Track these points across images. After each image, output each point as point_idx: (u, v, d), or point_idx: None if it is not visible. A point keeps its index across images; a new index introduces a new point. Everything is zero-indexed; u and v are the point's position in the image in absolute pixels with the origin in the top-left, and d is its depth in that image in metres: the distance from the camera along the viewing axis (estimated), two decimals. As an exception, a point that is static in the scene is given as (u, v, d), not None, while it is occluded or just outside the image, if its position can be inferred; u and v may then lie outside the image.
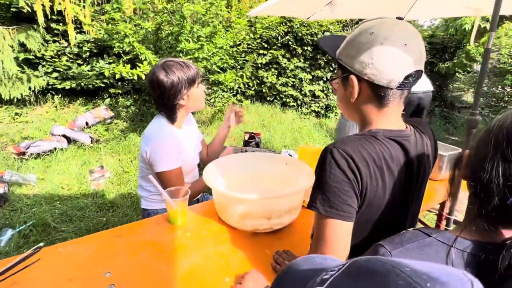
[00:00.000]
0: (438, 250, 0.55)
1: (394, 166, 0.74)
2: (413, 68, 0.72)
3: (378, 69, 0.72)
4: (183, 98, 1.41)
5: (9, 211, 2.88)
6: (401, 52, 0.70)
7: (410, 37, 0.71)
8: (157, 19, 3.68)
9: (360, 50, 0.73)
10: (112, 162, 3.91)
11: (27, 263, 1.02)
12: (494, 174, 0.52)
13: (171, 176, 1.40)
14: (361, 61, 0.73)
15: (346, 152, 0.70)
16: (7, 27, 4.34)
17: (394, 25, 0.73)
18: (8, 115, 4.49)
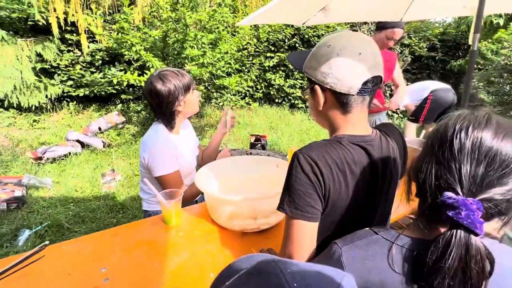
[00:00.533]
0: (383, 246, 0.60)
1: (357, 169, 0.79)
2: (369, 74, 0.78)
3: (337, 78, 0.78)
4: (180, 104, 1.49)
5: (27, 212, 3.05)
6: (356, 61, 0.76)
7: (364, 46, 0.77)
8: (163, 27, 3.82)
9: (320, 62, 0.80)
10: (123, 165, 4.06)
11: (33, 259, 1.12)
12: (427, 175, 0.57)
13: (169, 180, 1.48)
14: (322, 71, 0.80)
15: (310, 157, 0.75)
16: (25, 39, 4.60)
17: (349, 36, 0.79)
18: (27, 122, 4.74)
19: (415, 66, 7.24)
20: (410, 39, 7.13)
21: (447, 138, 0.56)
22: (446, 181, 0.54)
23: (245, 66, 6.29)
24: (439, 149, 0.56)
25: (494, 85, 4.96)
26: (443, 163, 0.55)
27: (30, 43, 4.59)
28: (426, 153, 0.60)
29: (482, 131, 0.54)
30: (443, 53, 7.21)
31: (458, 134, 0.55)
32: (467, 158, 0.53)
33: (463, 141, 0.54)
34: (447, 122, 0.59)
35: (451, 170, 0.54)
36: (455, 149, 0.54)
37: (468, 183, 0.52)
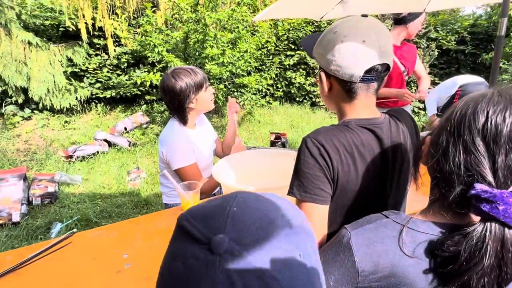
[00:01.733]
0: (393, 229, 0.59)
1: (366, 152, 0.78)
2: (373, 62, 0.76)
3: (340, 65, 0.77)
4: (192, 101, 1.53)
5: (59, 207, 3.24)
6: (360, 49, 0.75)
7: (369, 33, 0.76)
8: (184, 28, 3.91)
9: (326, 48, 0.80)
10: (147, 163, 4.20)
11: (62, 245, 1.19)
12: (454, 165, 0.52)
13: (187, 172, 1.52)
14: (327, 58, 0.80)
15: (318, 141, 0.75)
16: (57, 44, 4.87)
17: (355, 23, 0.78)
18: (59, 123, 5.01)
19: (443, 61, 6.94)
20: (437, 32, 6.84)
21: (479, 124, 0.50)
22: (479, 173, 0.49)
23: (265, 64, 6.31)
24: (469, 135, 0.51)
25: None
26: (474, 152, 0.50)
27: (62, 48, 4.86)
28: (449, 139, 0.54)
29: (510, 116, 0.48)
30: (473, 46, 6.86)
31: (492, 120, 0.49)
32: (504, 147, 0.47)
33: (500, 128, 0.48)
34: (474, 105, 0.52)
35: (484, 160, 0.49)
36: (489, 137, 0.49)
37: (503, 174, 0.48)
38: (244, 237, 0.35)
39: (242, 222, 0.36)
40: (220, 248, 0.33)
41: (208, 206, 0.40)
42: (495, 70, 1.38)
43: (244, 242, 0.35)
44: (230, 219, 0.36)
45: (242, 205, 0.39)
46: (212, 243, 0.34)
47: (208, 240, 0.34)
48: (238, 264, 0.33)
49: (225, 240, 0.34)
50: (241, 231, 0.36)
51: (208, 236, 0.35)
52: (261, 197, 0.42)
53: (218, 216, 0.37)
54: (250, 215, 0.37)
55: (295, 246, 0.37)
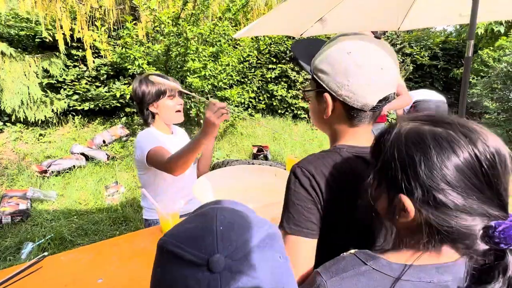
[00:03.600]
0: (376, 280, 0.54)
1: (357, 181, 0.72)
2: (387, 91, 0.72)
3: (353, 92, 0.71)
4: (153, 105, 1.55)
5: (31, 225, 3.07)
6: (377, 77, 0.70)
7: (386, 59, 0.71)
8: (165, 42, 3.90)
9: (336, 69, 0.72)
10: (126, 177, 4.09)
11: (31, 270, 1.13)
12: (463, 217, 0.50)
13: (156, 152, 1.42)
14: (337, 81, 0.72)
15: (308, 171, 0.71)
16: (33, 55, 4.72)
17: (372, 45, 0.72)
18: (33, 136, 4.82)
19: (417, 75, 7.26)
20: (411, 48, 7.17)
21: (479, 164, 0.48)
22: (488, 211, 0.48)
23: (247, 77, 6.36)
24: (477, 180, 0.48)
25: (497, 92, 4.94)
26: (480, 192, 0.48)
27: (37, 59, 4.71)
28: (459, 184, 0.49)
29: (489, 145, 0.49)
30: (445, 62, 7.23)
31: (487, 157, 0.48)
32: (501, 177, 0.48)
33: (493, 161, 0.48)
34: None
35: (491, 198, 0.48)
36: (490, 175, 0.48)
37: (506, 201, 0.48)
38: (235, 253, 0.38)
39: (230, 239, 0.39)
40: (219, 267, 0.36)
41: (191, 228, 0.42)
42: (464, 89, 1.45)
43: (236, 257, 0.38)
44: (220, 239, 0.39)
45: (226, 223, 0.41)
46: (211, 263, 0.36)
47: (206, 261, 0.37)
48: (236, 278, 0.37)
49: (221, 259, 0.37)
50: (232, 248, 0.38)
51: (204, 257, 0.37)
52: (236, 212, 0.45)
53: (207, 236, 0.39)
54: (235, 232, 0.40)
55: (274, 250, 0.42)
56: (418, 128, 0.52)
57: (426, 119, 0.54)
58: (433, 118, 0.53)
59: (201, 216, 0.43)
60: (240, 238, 0.39)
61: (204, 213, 0.43)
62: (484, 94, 5.37)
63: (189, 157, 1.29)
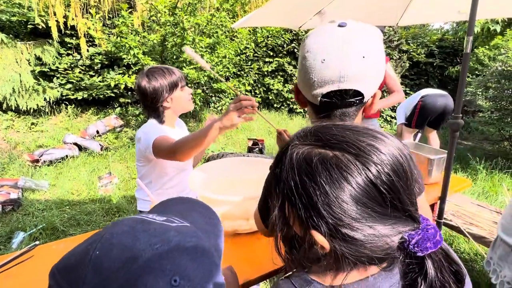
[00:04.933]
0: None
1: None
2: (330, 87, 0.65)
3: (303, 83, 0.69)
4: (167, 100, 1.49)
5: (22, 215, 3.04)
6: (319, 69, 0.64)
7: (331, 50, 0.63)
8: (161, 31, 3.84)
9: (299, 61, 0.71)
10: (120, 168, 4.05)
11: (23, 258, 1.11)
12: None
13: (162, 139, 1.38)
14: (298, 70, 0.72)
15: None
16: (25, 42, 4.62)
17: (323, 34, 0.66)
18: (25, 125, 4.74)
19: (413, 72, 7.29)
20: (408, 45, 7.18)
21: (377, 190, 0.45)
22: (399, 230, 0.46)
23: (243, 70, 6.32)
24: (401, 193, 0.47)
25: (491, 91, 4.98)
26: (386, 216, 0.46)
27: (30, 47, 4.61)
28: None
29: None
30: (441, 60, 7.26)
31: (380, 176, 0.45)
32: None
33: (390, 182, 0.46)
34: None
35: (400, 216, 0.47)
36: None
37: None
38: (106, 284, 0.33)
39: (103, 266, 0.34)
40: None
41: (74, 254, 0.37)
42: (462, 85, 1.45)
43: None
44: (91, 267, 0.34)
45: (105, 245, 0.35)
46: None
47: None
48: None
49: None
50: (104, 277, 0.33)
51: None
52: (136, 225, 0.38)
53: (79, 265, 0.35)
54: (113, 256, 0.34)
55: (167, 272, 0.34)
56: (308, 156, 0.47)
57: (315, 139, 0.49)
58: (322, 136, 0.48)
59: (91, 237, 0.38)
60: (115, 264, 0.34)
61: (96, 234, 0.38)
62: (478, 93, 5.41)
63: (197, 144, 1.22)
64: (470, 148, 5.51)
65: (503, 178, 3.91)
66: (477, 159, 4.26)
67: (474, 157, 4.39)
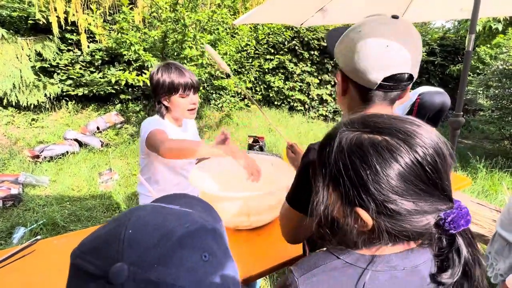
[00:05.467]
0: (349, 274, 0.54)
1: None
2: (394, 70, 0.70)
3: (357, 68, 0.71)
4: (165, 99, 1.47)
5: (23, 210, 3.04)
6: (382, 53, 0.69)
7: (396, 38, 0.69)
8: (162, 28, 3.83)
9: (347, 47, 0.73)
10: (120, 165, 4.06)
11: (24, 253, 1.11)
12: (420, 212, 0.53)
13: (153, 133, 1.37)
14: (345, 58, 0.73)
15: None
16: (25, 38, 4.61)
17: (382, 23, 0.71)
18: (26, 121, 4.73)
19: (414, 70, 7.27)
20: (409, 43, 7.16)
21: (422, 169, 0.49)
22: (438, 208, 0.51)
23: (244, 67, 6.31)
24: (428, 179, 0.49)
25: (492, 90, 4.97)
26: (428, 194, 0.50)
27: (30, 42, 4.60)
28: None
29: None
30: (442, 58, 7.24)
31: (428, 158, 0.49)
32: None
33: (434, 163, 0.49)
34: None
35: (439, 195, 0.51)
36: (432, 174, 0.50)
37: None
38: (144, 258, 0.34)
39: (139, 243, 0.35)
40: (120, 277, 0.33)
41: (100, 235, 0.38)
42: (463, 83, 1.45)
43: (145, 263, 0.34)
44: (126, 244, 0.35)
45: (137, 224, 0.37)
46: (111, 275, 0.33)
47: (106, 273, 0.33)
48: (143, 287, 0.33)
49: (123, 268, 0.33)
50: (140, 252, 0.35)
51: (105, 268, 0.33)
52: (159, 208, 0.41)
53: (112, 243, 0.35)
54: (147, 234, 0.36)
55: (197, 249, 0.38)
56: (358, 140, 0.51)
57: (363, 126, 0.53)
58: (370, 123, 0.53)
59: (115, 220, 0.40)
60: (150, 240, 0.36)
61: (119, 217, 0.40)
62: (479, 92, 5.40)
63: (188, 152, 1.24)
64: (470, 147, 5.51)
65: (503, 177, 3.91)
66: (477, 157, 4.26)
67: (474, 155, 4.39)
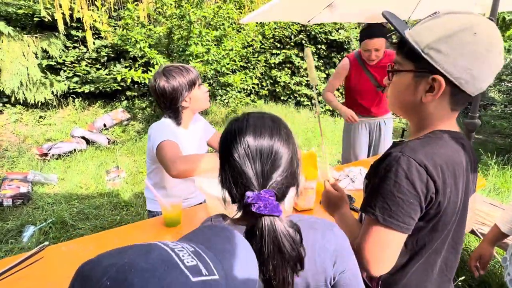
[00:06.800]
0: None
1: (460, 170, 0.71)
2: (495, 75, 0.70)
3: (474, 77, 0.66)
4: (185, 100, 1.46)
5: (32, 209, 3.08)
6: (498, 61, 0.67)
7: (500, 42, 0.68)
8: (168, 24, 3.79)
9: (460, 51, 0.65)
10: (127, 162, 4.07)
11: (33, 260, 1.11)
12: (229, 183, 0.64)
13: (165, 146, 1.37)
14: (458, 63, 0.66)
15: (418, 162, 0.66)
16: (31, 35, 4.61)
17: (493, 28, 0.67)
18: (33, 118, 4.77)
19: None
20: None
21: (230, 149, 0.62)
22: (244, 185, 0.60)
23: (250, 63, 6.25)
24: (232, 158, 0.62)
25: (505, 84, 4.85)
26: (235, 170, 0.61)
27: (36, 40, 4.60)
28: (222, 164, 0.65)
29: (246, 136, 0.61)
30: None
31: (234, 144, 0.62)
32: (249, 160, 0.61)
33: (240, 149, 0.61)
34: (226, 131, 0.66)
35: (243, 174, 0.60)
36: (239, 157, 0.61)
37: (258, 179, 0.60)
38: None
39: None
40: None
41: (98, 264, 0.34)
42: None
43: None
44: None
45: (118, 279, 0.32)
46: None
47: None
48: None
49: None
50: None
51: None
52: (159, 268, 0.34)
53: (93, 283, 0.32)
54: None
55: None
56: None
57: None
58: None
59: (117, 250, 0.36)
60: None
61: (123, 250, 0.36)
62: (490, 86, 5.27)
63: (198, 172, 1.30)
64: (481, 142, 5.40)
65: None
66: (488, 154, 4.18)
67: (485, 152, 4.30)
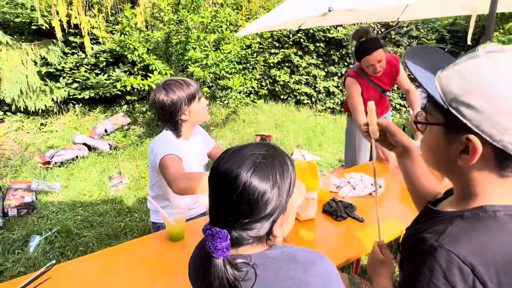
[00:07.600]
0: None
1: None
2: None
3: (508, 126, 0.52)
4: (185, 113, 1.48)
5: (37, 218, 3.10)
6: None
7: None
8: (165, 29, 3.79)
9: (499, 107, 0.52)
10: (129, 167, 4.09)
11: (40, 281, 1.13)
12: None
13: (167, 161, 1.39)
14: (498, 122, 0.52)
15: (461, 258, 0.52)
16: (30, 43, 4.62)
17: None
18: (35, 126, 4.79)
19: (423, 58, 7.09)
20: (418, 30, 6.97)
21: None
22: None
23: (249, 63, 6.24)
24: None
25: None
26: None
27: (35, 47, 4.61)
28: None
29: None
30: (452, 45, 7.03)
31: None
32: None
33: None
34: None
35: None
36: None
37: (217, 215, 0.63)
38: None
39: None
40: None
41: None
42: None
43: None
44: None
45: None
46: None
47: None
48: None
49: None
50: None
51: None
52: None
53: None
54: None
55: None
56: None
57: None
58: None
59: None
60: None
61: None
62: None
63: (199, 191, 1.30)
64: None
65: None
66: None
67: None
